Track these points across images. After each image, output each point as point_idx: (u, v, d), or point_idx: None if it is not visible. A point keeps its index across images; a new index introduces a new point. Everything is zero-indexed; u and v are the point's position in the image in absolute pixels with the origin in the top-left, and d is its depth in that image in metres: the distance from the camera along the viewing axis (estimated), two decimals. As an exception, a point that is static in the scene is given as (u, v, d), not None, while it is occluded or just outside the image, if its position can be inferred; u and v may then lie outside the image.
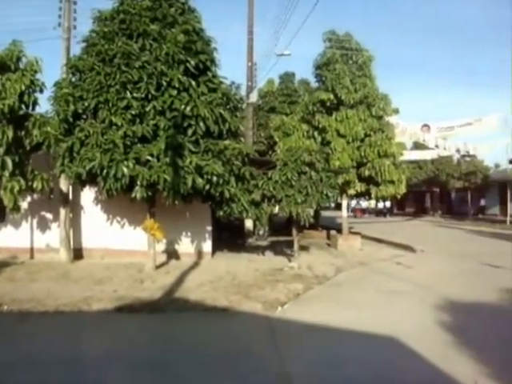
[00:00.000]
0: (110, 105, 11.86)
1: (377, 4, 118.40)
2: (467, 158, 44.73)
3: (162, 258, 14.62)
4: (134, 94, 11.89)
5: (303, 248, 17.83)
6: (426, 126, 40.72)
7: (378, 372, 6.01)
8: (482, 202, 49.30)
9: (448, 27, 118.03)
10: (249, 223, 19.74)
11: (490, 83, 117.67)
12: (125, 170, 11.40)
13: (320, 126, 20.15)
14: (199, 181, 11.78)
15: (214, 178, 12.05)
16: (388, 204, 57.54)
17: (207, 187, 12.16)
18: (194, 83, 12.30)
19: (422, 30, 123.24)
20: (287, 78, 29.38)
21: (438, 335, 7.49)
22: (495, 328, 8.05)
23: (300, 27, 21.61)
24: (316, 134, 20.49)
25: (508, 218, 37.19)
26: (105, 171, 11.51)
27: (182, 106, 11.88)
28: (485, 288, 11.23)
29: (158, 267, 13.28)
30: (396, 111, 21.70)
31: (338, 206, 26.48)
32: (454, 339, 7.21)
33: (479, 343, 7.06)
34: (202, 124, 12.09)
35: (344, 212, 22.01)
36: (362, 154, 19.74)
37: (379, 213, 56.34)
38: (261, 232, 21.26)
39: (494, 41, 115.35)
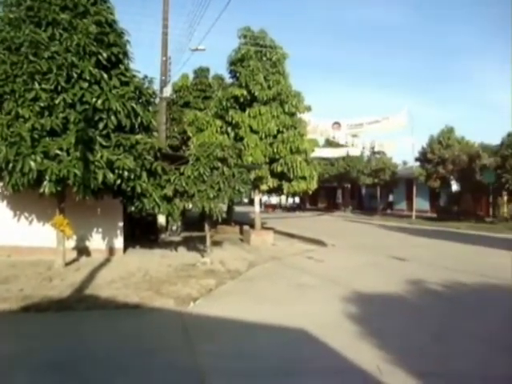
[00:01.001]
0: (17, 96, 11.32)
1: (291, 3, 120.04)
2: (377, 155, 46.24)
3: (72, 254, 14.21)
4: (43, 86, 11.40)
5: (216, 243, 17.87)
6: (336, 123, 41.74)
7: (288, 363, 6.16)
8: (391, 198, 51.23)
9: (360, 28, 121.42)
10: (162, 219, 19.56)
11: (398, 83, 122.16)
12: (32, 164, 10.95)
13: (233, 121, 20.24)
14: (110, 176, 11.54)
15: (126, 173, 11.84)
16: (297, 200, 58.43)
17: (118, 182, 11.93)
18: (105, 76, 11.99)
19: (334, 30, 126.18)
20: (202, 73, 29.27)
21: (345, 326, 7.77)
22: (397, 317, 8.47)
23: (214, 23, 21.63)
24: (229, 129, 20.58)
25: (414, 213, 38.83)
26: (10, 165, 11.02)
27: (93, 99, 11.56)
28: (390, 280, 11.75)
29: (67, 264, 12.89)
30: (308, 108, 22.06)
31: (252, 202, 26.69)
32: (359, 329, 7.52)
33: (382, 332, 7.44)
34: (113, 118, 11.83)
35: (257, 207, 22.23)
36: (275, 150, 19.97)
37: (290, 208, 57.33)
38: (174, 228, 21.13)
39: (403, 44, 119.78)
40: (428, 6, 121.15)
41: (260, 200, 23.90)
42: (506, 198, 33.12)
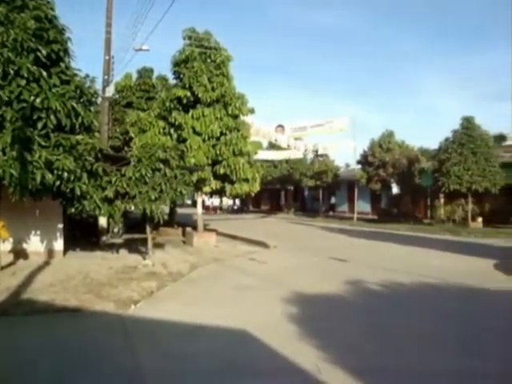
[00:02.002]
0: None
1: (237, 6, 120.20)
2: (320, 158, 46.78)
3: (9, 258, 13.78)
4: (-24, 82, 11.06)
5: (158, 245, 17.71)
6: (280, 126, 42.14)
7: (230, 363, 6.18)
8: (333, 200, 51.93)
9: (306, 32, 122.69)
10: (103, 221, 19.20)
11: (342, 87, 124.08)
12: (-37, 163, 10.59)
13: (176, 123, 20.09)
14: (49, 176, 11.26)
15: (65, 174, 11.57)
16: (238, 202, 58.48)
17: (58, 183, 11.65)
18: (45, 74, 11.66)
19: (279, 34, 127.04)
20: (145, 73, 28.88)
21: (285, 326, 7.85)
22: (337, 318, 8.60)
23: (157, 23, 21.43)
24: (172, 130, 20.42)
25: (355, 215, 39.50)
26: None
27: (32, 98, 11.23)
28: (331, 281, 11.93)
29: (3, 268, 12.50)
30: (252, 111, 22.11)
31: (195, 204, 26.56)
32: (299, 329, 7.61)
33: (322, 332, 7.55)
34: (52, 117, 11.53)
35: (199, 209, 22.13)
36: (218, 152, 19.94)
37: (233, 210, 57.38)
38: (115, 230, 20.79)
39: (348, 49, 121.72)
40: (373, 13, 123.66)
41: (203, 202, 23.81)
42: (442, 200, 34.07)
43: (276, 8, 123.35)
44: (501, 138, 60.66)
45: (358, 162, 39.37)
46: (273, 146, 48.16)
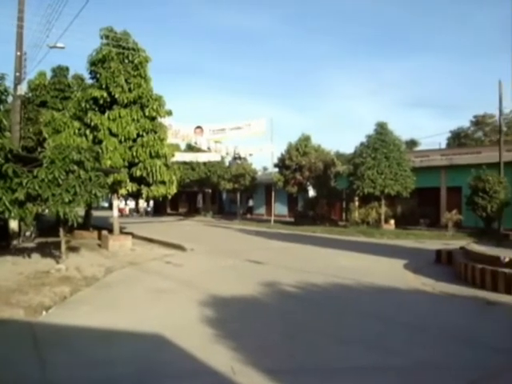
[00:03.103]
0: None
1: (156, 7, 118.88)
2: (238, 161, 46.98)
3: None
4: None
5: (73, 249, 17.30)
6: (199, 128, 41.93)
7: (144, 368, 6.13)
8: (251, 203, 52.34)
9: (226, 35, 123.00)
10: (14, 224, 18.55)
11: (262, 90, 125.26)
12: None
13: (92, 123, 19.63)
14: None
15: (-28, 176, 11.15)
16: (151, 204, 57.75)
17: (-37, 185, 11.21)
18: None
19: (199, 36, 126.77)
20: (61, 71, 28.06)
21: (201, 329, 7.88)
22: (253, 319, 8.71)
23: (72, 21, 20.65)
24: (88, 131, 19.93)
25: (272, 218, 39.99)
26: None
27: None
28: (247, 282, 12.06)
29: None
30: (169, 113, 21.95)
31: (112, 206, 26.08)
32: (215, 332, 7.66)
33: (238, 334, 7.64)
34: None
35: (115, 212, 21.77)
36: (134, 153, 19.67)
37: (149, 213, 56.69)
38: (27, 233, 20.14)
39: (269, 52, 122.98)
40: (293, 17, 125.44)
41: (119, 205, 23.42)
42: (357, 203, 35.09)
43: (195, 9, 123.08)
44: (413, 143, 63.37)
45: (276, 166, 39.85)
46: (191, 149, 47.90)
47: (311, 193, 39.94)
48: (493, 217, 25.86)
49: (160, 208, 58.99)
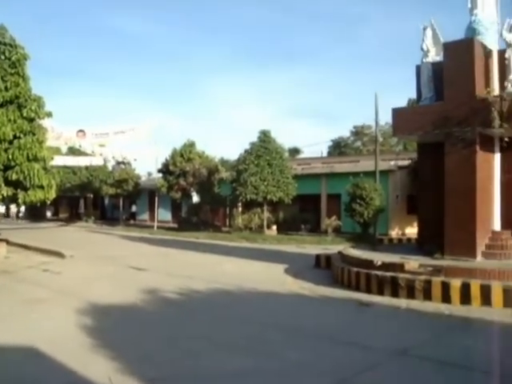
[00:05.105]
0: None
1: (39, 4, 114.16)
2: (122, 166, 46.06)
3: None
4: None
5: None
6: (81, 131, 40.74)
7: (14, 383, 5.85)
8: (134, 209, 51.48)
9: (111, 37, 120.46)
10: None
11: (148, 94, 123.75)
12: None
13: (-36, 123, 18.49)
14: None
15: None
16: (23, 209, 55.35)
17: None
18: None
19: (82, 37, 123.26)
20: None
21: (78, 339, 7.64)
22: (133, 327, 8.61)
23: None
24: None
25: (156, 224, 39.56)
26: None
27: None
28: (128, 290, 11.89)
29: None
30: (49, 114, 21.06)
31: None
32: (94, 341, 7.47)
33: (117, 343, 7.50)
34: None
35: (-11, 217, 20.63)
36: (10, 156, 18.65)
37: (24, 218, 54.27)
38: None
39: (155, 56, 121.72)
40: (184, 24, 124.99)
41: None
42: (240, 209, 35.55)
43: (81, 8, 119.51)
44: (295, 151, 65.18)
45: (160, 171, 39.49)
46: (73, 152, 46.39)
47: (195, 199, 39.94)
48: (369, 222, 27.04)
49: (39, 213, 56.40)
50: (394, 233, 30.32)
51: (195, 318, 9.34)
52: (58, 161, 35.96)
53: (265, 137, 32.78)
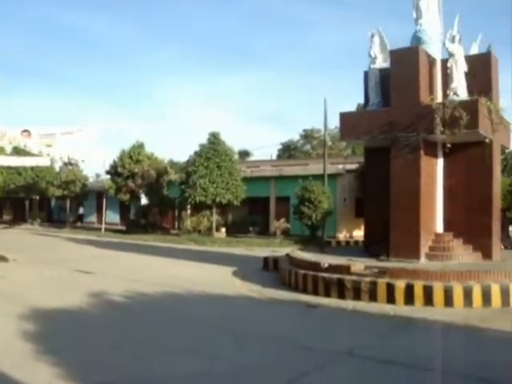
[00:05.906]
0: None
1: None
2: (69, 167, 45.21)
3: None
4: None
5: None
6: (26, 131, 39.65)
7: None
8: (81, 211, 50.63)
9: (57, 34, 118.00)
10: None
11: (96, 95, 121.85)
12: None
13: None
14: None
15: None
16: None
17: None
18: None
19: (30, 33, 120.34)
20: None
21: (19, 345, 7.45)
22: (78, 332, 8.43)
23: None
24: None
25: (103, 226, 39.01)
26: None
27: None
28: (73, 294, 11.68)
29: None
30: (-8, 114, 20.64)
31: None
32: (35, 347, 7.30)
33: (60, 348, 7.33)
34: None
35: None
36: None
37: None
38: None
39: (105, 55, 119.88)
40: (138, 23, 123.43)
41: None
42: (189, 211, 35.43)
43: (24, 5, 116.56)
44: (245, 153, 65.28)
45: (108, 173, 38.94)
46: (18, 152, 45.28)
47: (143, 201, 39.54)
48: (317, 225, 27.38)
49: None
50: (342, 235, 30.80)
51: (142, 322, 9.27)
52: (2, 161, 35.09)
53: (214, 139, 32.76)
